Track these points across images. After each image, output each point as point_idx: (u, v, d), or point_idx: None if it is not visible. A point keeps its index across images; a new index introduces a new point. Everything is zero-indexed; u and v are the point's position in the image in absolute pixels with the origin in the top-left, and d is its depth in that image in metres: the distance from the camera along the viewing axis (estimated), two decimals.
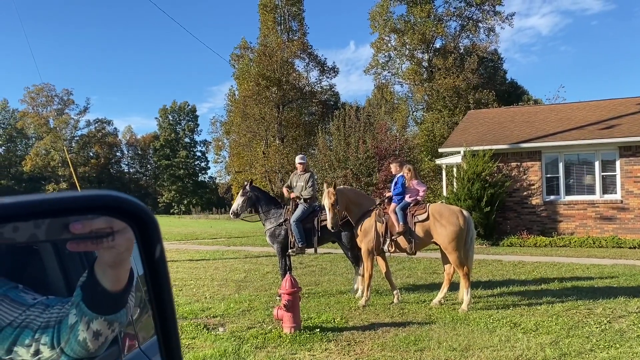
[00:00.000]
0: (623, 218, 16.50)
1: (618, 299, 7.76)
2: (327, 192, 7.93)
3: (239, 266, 12.61)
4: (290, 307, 6.18)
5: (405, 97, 45.55)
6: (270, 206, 9.04)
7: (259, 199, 9.08)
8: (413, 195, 7.92)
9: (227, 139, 54.11)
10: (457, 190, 17.38)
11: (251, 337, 6.04)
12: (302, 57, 47.10)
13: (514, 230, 17.38)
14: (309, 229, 8.69)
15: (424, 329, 6.32)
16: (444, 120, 38.16)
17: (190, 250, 16.88)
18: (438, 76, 40.14)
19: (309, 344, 5.76)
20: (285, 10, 46.50)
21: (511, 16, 42.13)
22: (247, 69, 44.21)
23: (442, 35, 41.69)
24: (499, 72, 46.89)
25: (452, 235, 7.47)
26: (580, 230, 16.93)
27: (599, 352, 5.34)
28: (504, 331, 6.15)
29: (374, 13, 42.81)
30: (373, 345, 5.71)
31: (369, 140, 24.20)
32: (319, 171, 25.85)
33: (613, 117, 18.19)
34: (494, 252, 14.80)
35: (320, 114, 46.72)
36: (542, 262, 12.45)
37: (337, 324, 6.68)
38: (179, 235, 24.85)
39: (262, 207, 9.03)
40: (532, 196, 17.65)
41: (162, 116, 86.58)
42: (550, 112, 20.82)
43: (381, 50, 44.10)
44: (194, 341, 5.95)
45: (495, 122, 20.86)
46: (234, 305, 7.80)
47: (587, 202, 17.00)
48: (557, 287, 9.07)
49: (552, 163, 17.63)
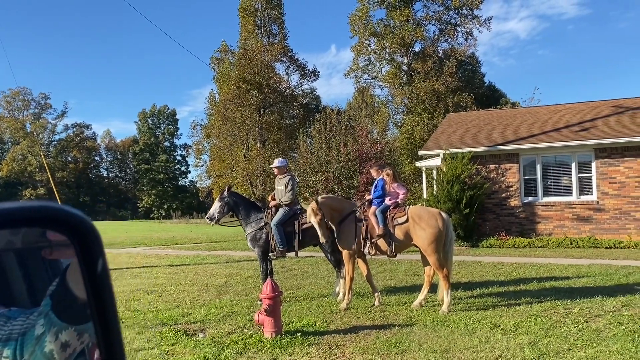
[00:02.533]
0: (599, 219, 16.80)
1: (595, 299, 7.88)
2: (312, 209, 7.86)
3: (219, 271, 12.52)
4: (271, 312, 6.15)
5: (386, 101, 45.81)
6: (249, 210, 8.97)
7: (238, 204, 9.00)
8: (393, 198, 7.96)
9: (207, 143, 53.78)
10: (437, 193, 17.52)
11: (232, 342, 6.00)
12: (282, 60, 47.08)
13: (493, 231, 17.58)
14: (290, 232, 8.65)
15: (405, 331, 6.35)
16: (424, 123, 38.44)
17: (170, 256, 16.72)
18: (417, 80, 40.45)
19: (290, 349, 5.74)
20: (265, 13, 46.46)
21: (489, 20, 42.69)
22: (228, 72, 44.06)
23: (421, 39, 42.02)
24: (477, 76, 47.42)
25: (432, 237, 7.52)
26: (557, 231, 17.19)
27: (577, 351, 5.41)
28: (483, 332, 6.20)
29: (354, 17, 42.99)
30: (354, 348, 5.71)
31: (350, 144, 24.27)
32: (301, 174, 25.83)
33: (589, 119, 18.53)
34: (473, 254, 14.93)
35: (301, 117, 46.75)
36: (521, 262, 12.60)
37: (318, 327, 6.66)
38: (159, 240, 24.59)
39: (241, 212, 8.97)
40: (510, 198, 17.87)
41: (142, 120, 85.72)
42: (527, 115, 21.12)
43: (361, 54, 44.30)
44: (173, 347, 5.88)
45: (474, 125, 21.09)
46: (214, 311, 7.74)
47: (564, 203, 17.27)
48: (535, 287, 9.18)
49: (529, 165, 17.88)
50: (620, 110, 18.79)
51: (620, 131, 16.91)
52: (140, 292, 9.61)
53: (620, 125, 17.40)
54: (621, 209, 16.59)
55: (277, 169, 9.21)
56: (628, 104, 19.20)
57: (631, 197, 16.48)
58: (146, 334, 6.44)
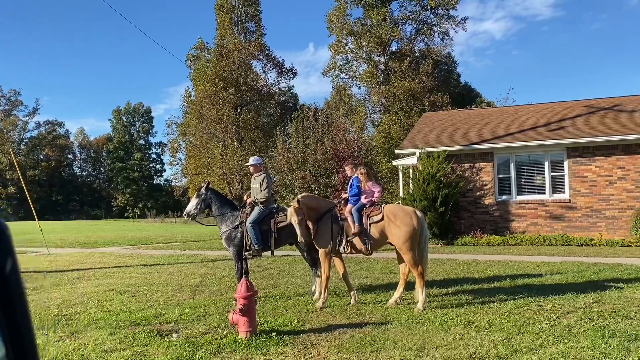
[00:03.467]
0: (571, 217, 17.11)
1: (566, 296, 8.01)
2: (293, 209, 7.80)
3: (194, 271, 12.38)
4: (246, 311, 6.08)
5: (363, 100, 45.98)
6: (225, 209, 8.88)
7: (214, 201, 8.91)
8: (368, 197, 7.97)
9: (183, 141, 53.27)
10: (413, 191, 17.63)
11: (206, 342, 5.92)
12: (259, 58, 46.90)
13: (467, 229, 17.77)
14: (266, 231, 8.58)
15: (380, 329, 6.35)
16: (400, 122, 38.69)
17: (144, 255, 16.48)
18: (394, 79, 40.68)
19: (265, 348, 5.69)
20: (242, 11, 46.19)
21: (464, 20, 43.18)
22: (204, 69, 43.68)
23: (398, 38, 42.28)
24: (453, 75, 47.94)
25: (406, 235, 7.55)
26: (531, 228, 17.46)
27: (549, 347, 5.48)
28: (458, 329, 6.24)
29: (331, 15, 43.03)
30: (330, 347, 5.69)
31: (327, 142, 24.25)
32: (278, 173, 25.73)
33: (561, 119, 18.87)
34: (448, 252, 15.07)
35: (278, 115, 46.62)
36: (495, 260, 12.75)
37: (294, 327, 6.62)
38: (133, 239, 24.24)
39: (217, 209, 8.88)
40: (485, 196, 18.08)
41: (116, 118, 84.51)
42: (502, 114, 21.40)
43: (339, 53, 44.37)
44: (146, 348, 5.78)
45: (450, 124, 21.29)
46: (188, 311, 7.64)
47: (537, 201, 17.55)
48: (509, 284, 9.29)
49: (504, 164, 18.12)
50: (591, 110, 19.17)
51: (591, 131, 17.26)
52: (113, 292, 9.44)
53: (591, 125, 17.76)
54: (592, 207, 16.93)
55: (253, 167, 9.13)
56: (599, 104, 19.61)
57: (602, 195, 16.83)
58: (118, 335, 6.32)
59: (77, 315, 7.57)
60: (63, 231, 32.85)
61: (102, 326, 6.81)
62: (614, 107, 19.00)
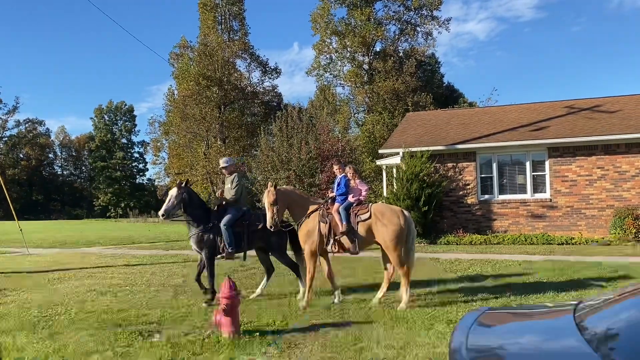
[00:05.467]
0: (552, 216, 17.34)
1: (547, 294, 8.12)
2: (267, 192, 7.90)
3: (177, 271, 12.30)
4: (229, 312, 6.06)
5: (347, 99, 46.03)
6: (198, 210, 8.60)
7: (189, 201, 8.55)
8: (356, 195, 7.99)
9: (166, 140, 52.78)
10: (397, 191, 17.71)
11: (189, 343, 5.89)
12: (243, 57, 46.71)
13: (450, 228, 17.91)
14: (238, 233, 8.45)
15: (364, 328, 6.37)
16: (384, 122, 38.81)
17: (127, 255, 16.33)
18: (378, 79, 40.81)
19: (249, 348, 5.67)
20: (225, 9, 45.95)
21: (448, 21, 43.44)
22: (187, 68, 43.34)
23: (382, 38, 42.40)
24: (437, 76, 48.24)
25: (393, 234, 7.59)
26: (513, 228, 17.65)
27: None
28: (441, 328, 6.29)
29: (316, 15, 43.01)
30: (313, 346, 5.69)
31: (311, 142, 24.25)
32: (262, 172, 25.65)
33: (542, 119, 19.10)
34: (431, 251, 15.17)
35: (262, 114, 46.45)
36: (478, 259, 12.87)
37: (277, 326, 6.62)
38: (115, 239, 23.99)
39: (191, 209, 8.54)
40: (467, 195, 18.24)
41: (98, 116, 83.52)
42: (484, 115, 21.60)
43: (323, 52, 44.38)
44: (128, 349, 5.72)
45: (433, 124, 21.42)
46: (171, 312, 7.59)
47: (519, 201, 17.75)
48: (491, 283, 9.39)
49: (486, 163, 18.30)
50: (572, 110, 19.44)
51: (572, 131, 17.50)
52: (94, 293, 9.34)
53: (572, 126, 18.01)
54: (572, 206, 17.17)
55: (224, 169, 8.98)
56: (580, 105, 19.89)
57: (582, 195, 17.08)
58: (99, 336, 6.26)
59: (57, 316, 7.48)
60: (43, 231, 32.38)
61: (83, 327, 6.73)
62: (594, 107, 19.29)
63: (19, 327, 6.77)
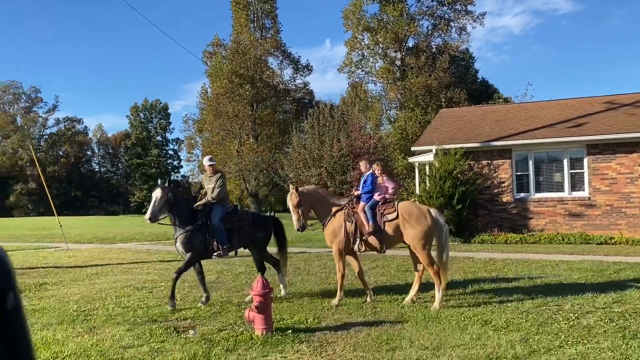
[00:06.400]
0: (591, 215, 16.86)
1: (586, 295, 7.89)
2: (290, 194, 7.91)
3: (211, 267, 12.44)
4: (262, 309, 6.10)
5: (379, 96, 45.82)
6: (184, 210, 8.18)
7: (174, 201, 8.11)
8: (382, 193, 7.90)
9: (199, 137, 53.58)
10: (429, 188, 17.52)
11: (222, 339, 5.95)
12: (275, 54, 46.98)
13: (485, 227, 17.61)
14: (229, 229, 8.24)
15: (396, 328, 6.32)
16: (417, 118, 38.47)
17: (162, 251, 16.62)
18: (410, 75, 40.45)
19: (281, 346, 5.69)
20: (258, 7, 46.26)
21: (482, 15, 42.79)
22: (220, 66, 43.83)
23: (415, 34, 42.03)
24: (471, 71, 47.52)
25: (421, 234, 7.50)
26: (549, 227, 17.24)
27: (568, 348, 5.40)
28: (475, 329, 6.19)
29: (347, 11, 42.90)
30: (345, 345, 5.68)
31: (343, 139, 24.22)
32: (293, 169, 25.75)
33: (581, 115, 18.58)
34: (465, 250, 14.95)
35: (294, 112, 46.65)
36: (513, 259, 12.62)
37: (309, 324, 6.62)
38: (151, 235, 24.46)
39: (177, 210, 8.11)
40: (502, 194, 17.90)
41: (134, 114, 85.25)
42: (520, 111, 21.15)
43: (355, 49, 44.25)
44: (163, 345, 5.82)
45: (467, 120, 21.10)
46: (205, 308, 7.69)
47: (556, 199, 17.32)
48: (527, 283, 9.19)
49: (522, 161, 17.91)
50: (612, 106, 18.85)
51: (612, 127, 16.97)
52: (130, 288, 9.53)
53: (612, 122, 17.46)
54: (612, 205, 16.66)
55: (210, 167, 8.64)
56: (620, 100, 19.27)
57: (622, 193, 16.55)
58: (136, 331, 6.38)
59: (95, 310, 7.66)
60: (81, 227, 33.29)
61: (119, 322, 6.88)
62: (635, 103, 18.66)
63: (58, 321, 6.96)
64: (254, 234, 8.52)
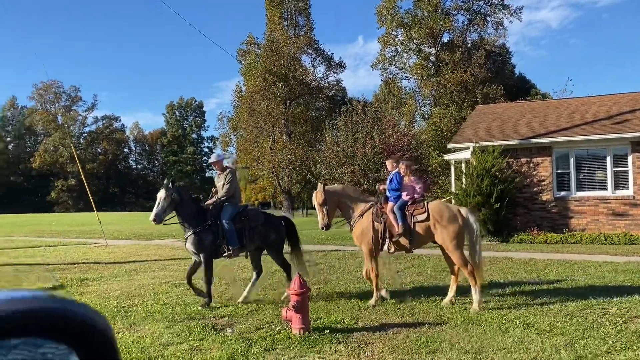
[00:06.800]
0: (635, 214, 16.28)
1: (633, 298, 7.60)
2: (316, 192, 7.89)
3: (247, 264, 12.48)
4: (299, 308, 6.07)
5: (413, 92, 45.33)
6: (191, 209, 7.99)
7: (181, 201, 7.93)
8: (410, 193, 7.77)
9: (234, 135, 54.15)
10: (466, 187, 17.21)
11: (260, 338, 5.95)
12: (308, 52, 47.00)
13: (524, 226, 17.19)
14: (240, 229, 8.06)
15: (436, 330, 6.21)
16: (452, 115, 37.91)
17: None
18: (445, 71, 39.88)
19: (319, 346, 5.65)
20: (291, 5, 46.36)
21: (519, 10, 41.87)
22: (254, 64, 44.13)
23: (450, 29, 41.39)
24: (507, 66, 46.53)
25: (453, 235, 7.38)
26: (591, 226, 16.72)
27: (616, 354, 5.20)
28: (517, 332, 6.02)
29: (381, 7, 42.57)
30: (384, 347, 5.60)
31: (376, 136, 24.04)
32: (327, 167, 25.72)
33: (624, 111, 17.94)
34: (503, 249, 14.64)
35: (327, 109, 46.61)
36: (554, 259, 12.28)
37: (346, 324, 6.57)
38: None
39: (184, 210, 7.94)
40: (542, 192, 17.45)
41: (170, 112, 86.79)
42: (560, 107, 20.58)
43: (388, 45, 43.89)
44: (202, 343, 5.86)
45: (504, 117, 20.65)
46: (242, 305, 7.72)
47: (598, 198, 16.78)
48: (570, 285, 8.91)
49: (562, 158, 17.42)
50: None
51: None
52: (168, 285, 9.66)
53: None
54: None
55: (215, 165, 8.50)
56: None
57: None
58: (174, 328, 6.44)
59: (135, 307, 7.78)
60: (119, 222, 34.02)
61: (159, 319, 6.96)
62: None
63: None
64: (267, 236, 8.33)
